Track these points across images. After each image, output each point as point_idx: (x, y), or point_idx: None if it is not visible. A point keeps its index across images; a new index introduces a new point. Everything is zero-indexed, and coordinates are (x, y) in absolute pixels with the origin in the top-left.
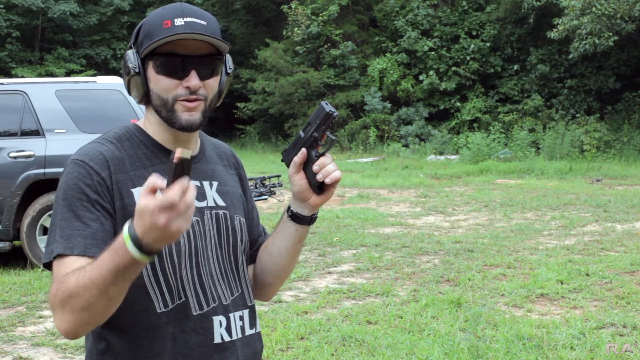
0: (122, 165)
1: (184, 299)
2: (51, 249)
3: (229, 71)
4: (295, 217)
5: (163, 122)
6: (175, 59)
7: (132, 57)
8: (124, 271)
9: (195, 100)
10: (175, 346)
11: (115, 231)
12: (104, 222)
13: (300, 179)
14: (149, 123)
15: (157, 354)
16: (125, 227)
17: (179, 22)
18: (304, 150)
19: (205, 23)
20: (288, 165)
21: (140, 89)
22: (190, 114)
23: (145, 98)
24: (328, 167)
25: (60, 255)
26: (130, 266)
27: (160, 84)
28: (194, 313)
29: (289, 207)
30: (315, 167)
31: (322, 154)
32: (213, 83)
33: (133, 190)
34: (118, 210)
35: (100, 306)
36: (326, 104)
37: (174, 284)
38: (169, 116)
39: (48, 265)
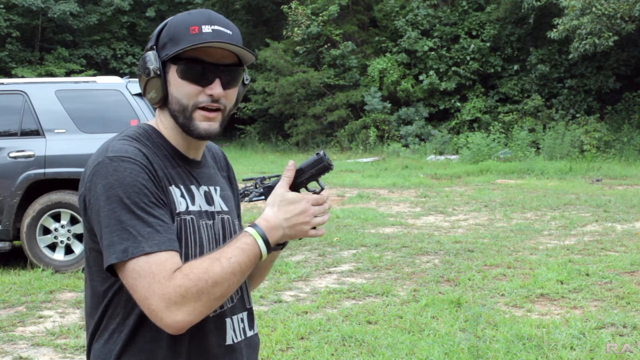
0: (156, 163)
1: None
2: (126, 247)
3: (246, 82)
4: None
5: (178, 127)
6: (201, 66)
7: (153, 59)
8: (255, 262)
9: (216, 110)
10: (191, 346)
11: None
12: (168, 216)
13: None
14: (163, 126)
15: (176, 354)
16: (251, 229)
17: (206, 29)
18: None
19: (231, 33)
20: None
21: (160, 92)
22: (209, 123)
23: (162, 101)
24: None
25: (145, 254)
26: (257, 259)
27: (183, 89)
28: (211, 315)
29: None
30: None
31: (322, 189)
32: (233, 93)
33: (170, 188)
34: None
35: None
36: (324, 154)
37: None
38: (186, 123)
39: (110, 267)
